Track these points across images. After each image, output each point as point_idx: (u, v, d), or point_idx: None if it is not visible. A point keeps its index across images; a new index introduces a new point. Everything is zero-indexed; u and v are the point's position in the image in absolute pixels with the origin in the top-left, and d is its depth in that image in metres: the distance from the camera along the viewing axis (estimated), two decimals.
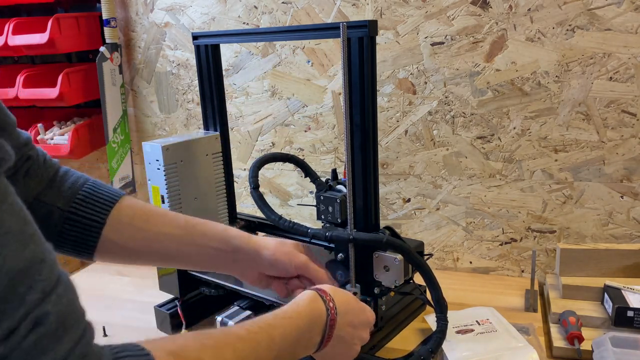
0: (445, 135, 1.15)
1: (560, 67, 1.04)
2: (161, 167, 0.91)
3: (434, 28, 1.11)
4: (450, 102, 1.13)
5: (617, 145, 1.04)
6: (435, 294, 0.79)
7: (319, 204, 0.91)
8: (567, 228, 1.11)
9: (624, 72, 1.01)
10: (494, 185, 1.14)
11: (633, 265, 1.00)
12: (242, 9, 1.26)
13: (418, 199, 1.21)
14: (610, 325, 0.90)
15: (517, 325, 0.90)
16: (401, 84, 1.16)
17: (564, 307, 0.94)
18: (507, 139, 1.11)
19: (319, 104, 1.25)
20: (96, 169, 1.55)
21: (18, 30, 1.28)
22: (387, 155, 1.21)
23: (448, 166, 1.17)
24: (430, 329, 0.93)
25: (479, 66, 1.09)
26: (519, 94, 1.08)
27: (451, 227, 1.20)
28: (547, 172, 1.10)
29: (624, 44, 0.99)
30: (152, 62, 1.40)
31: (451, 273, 1.19)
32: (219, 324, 0.86)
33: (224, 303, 0.96)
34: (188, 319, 0.98)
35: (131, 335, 0.42)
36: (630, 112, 1.02)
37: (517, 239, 1.16)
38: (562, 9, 1.01)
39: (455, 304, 0.99)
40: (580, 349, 0.85)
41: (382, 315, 0.90)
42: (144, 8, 1.37)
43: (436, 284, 0.79)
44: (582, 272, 1.01)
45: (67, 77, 1.29)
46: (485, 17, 1.07)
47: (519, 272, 1.17)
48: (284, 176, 1.33)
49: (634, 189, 1.05)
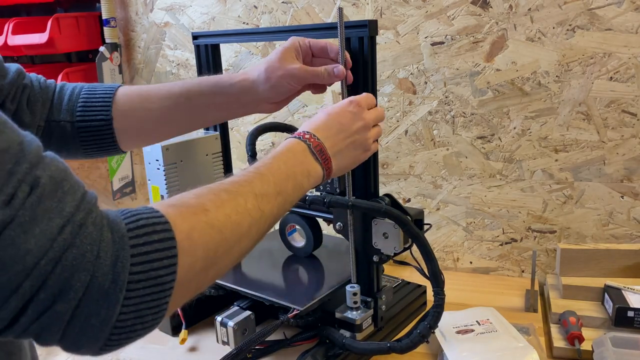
0: (445, 135, 1.15)
1: (561, 67, 1.04)
2: (161, 167, 0.91)
3: (434, 28, 1.11)
4: (451, 102, 1.13)
5: (617, 145, 1.04)
6: (431, 267, 0.77)
7: None
8: (568, 228, 1.11)
9: (624, 72, 1.01)
10: (494, 186, 1.14)
11: (633, 265, 1.00)
12: (242, 9, 1.26)
13: (418, 199, 1.21)
14: (610, 326, 0.90)
15: (518, 326, 0.90)
16: (401, 84, 1.16)
17: (564, 307, 0.94)
18: (508, 139, 1.11)
19: (319, 104, 1.25)
20: (96, 168, 1.55)
21: (18, 30, 1.28)
22: (387, 155, 1.20)
23: (448, 166, 1.17)
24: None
25: (479, 66, 1.09)
26: (519, 94, 1.08)
27: (451, 227, 1.20)
28: (548, 172, 1.10)
29: (624, 43, 0.99)
30: (151, 62, 1.40)
31: (451, 273, 1.19)
32: (219, 324, 0.86)
33: (224, 303, 0.96)
34: (188, 319, 0.98)
35: None
36: (631, 112, 1.02)
37: (517, 239, 1.16)
38: (563, 8, 1.01)
39: (455, 304, 0.99)
40: (581, 349, 0.85)
41: (382, 316, 0.90)
42: (144, 8, 1.37)
43: (432, 256, 0.76)
44: (583, 272, 1.01)
45: (67, 77, 1.28)
46: (485, 17, 1.07)
47: (519, 272, 1.17)
48: None
49: (635, 189, 1.05)
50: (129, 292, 0.40)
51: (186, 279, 0.45)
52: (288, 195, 0.59)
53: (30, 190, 0.37)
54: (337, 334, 0.84)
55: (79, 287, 0.38)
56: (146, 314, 0.42)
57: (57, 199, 0.38)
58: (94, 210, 0.41)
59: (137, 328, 0.42)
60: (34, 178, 0.38)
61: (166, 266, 0.43)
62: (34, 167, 0.38)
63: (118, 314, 0.40)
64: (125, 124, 0.74)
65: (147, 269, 0.41)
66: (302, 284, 0.96)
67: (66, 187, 0.39)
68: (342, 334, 0.84)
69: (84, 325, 0.39)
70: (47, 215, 0.37)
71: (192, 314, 1.00)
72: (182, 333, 0.95)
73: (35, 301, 0.37)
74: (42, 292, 0.37)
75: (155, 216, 0.44)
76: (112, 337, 0.41)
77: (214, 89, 0.77)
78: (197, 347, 0.95)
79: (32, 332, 0.38)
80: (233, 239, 0.51)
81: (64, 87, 0.74)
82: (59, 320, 0.38)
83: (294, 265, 1.02)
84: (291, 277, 0.99)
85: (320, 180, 0.65)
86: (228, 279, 0.95)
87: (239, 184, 0.55)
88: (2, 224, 0.35)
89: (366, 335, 0.86)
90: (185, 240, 0.45)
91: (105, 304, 0.39)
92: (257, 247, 1.19)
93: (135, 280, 0.40)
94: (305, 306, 0.84)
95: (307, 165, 0.63)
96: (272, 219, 0.57)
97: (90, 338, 0.40)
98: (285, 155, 0.62)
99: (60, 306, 0.38)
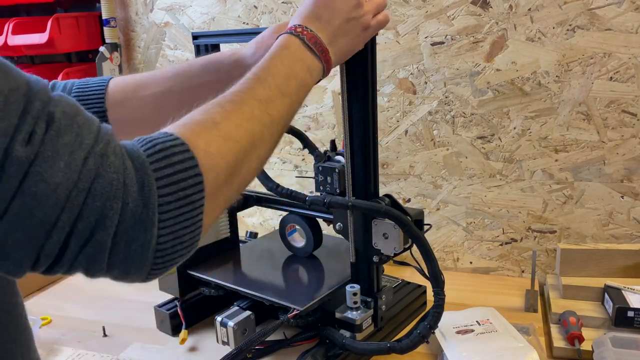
0: (445, 135, 1.15)
1: (561, 67, 1.04)
2: None
3: (434, 28, 1.11)
4: (451, 102, 1.13)
5: (617, 145, 1.04)
6: (431, 267, 0.77)
7: (317, 174, 0.90)
8: (568, 228, 1.11)
9: (624, 72, 1.01)
10: (494, 186, 1.14)
11: (633, 265, 1.00)
12: (242, 9, 1.26)
13: (418, 199, 1.21)
14: (610, 326, 0.90)
15: (518, 326, 0.90)
16: (401, 84, 1.16)
17: (564, 307, 0.94)
18: (508, 139, 1.11)
19: (319, 104, 1.25)
20: None
21: (18, 30, 1.28)
22: (387, 155, 1.20)
23: (448, 166, 1.17)
24: None
25: (479, 66, 1.09)
26: (519, 94, 1.08)
27: (451, 227, 1.20)
28: (548, 172, 1.10)
29: (624, 43, 0.99)
30: (151, 62, 1.40)
31: (451, 273, 1.19)
32: (219, 324, 0.86)
33: (224, 303, 0.96)
34: (188, 319, 0.98)
35: (131, 335, 0.42)
36: (631, 112, 1.02)
37: (517, 239, 1.16)
38: (563, 8, 1.01)
39: (455, 304, 0.99)
40: (581, 349, 0.85)
41: (382, 316, 0.90)
42: (144, 8, 1.37)
43: (433, 256, 0.77)
44: (583, 272, 1.01)
45: (67, 77, 1.29)
46: (485, 17, 1.07)
47: (519, 272, 1.17)
48: (284, 176, 1.33)
49: (635, 189, 1.05)
50: (162, 214, 0.42)
51: (213, 194, 0.47)
52: (293, 94, 0.59)
53: (46, 127, 0.38)
54: (337, 334, 0.84)
55: (114, 215, 0.39)
56: (183, 234, 0.44)
57: (74, 133, 0.39)
58: (112, 140, 0.42)
59: (177, 249, 0.44)
60: (48, 114, 0.38)
61: (192, 185, 0.44)
62: (46, 104, 0.39)
63: (157, 237, 0.42)
64: (120, 114, 0.73)
65: (174, 191, 0.43)
66: (302, 284, 0.96)
67: (81, 121, 0.40)
68: (342, 334, 0.84)
69: (127, 252, 0.41)
70: (69, 149, 0.38)
71: (192, 314, 1.00)
72: (182, 333, 0.95)
73: (75, 233, 0.39)
74: (80, 223, 0.39)
75: (170, 139, 0.45)
76: (157, 261, 0.43)
77: (205, 68, 0.76)
78: (197, 347, 0.95)
79: (80, 264, 0.41)
80: (248, 146, 0.52)
81: (55, 84, 0.74)
82: (101, 250, 0.40)
83: (294, 265, 1.02)
84: (291, 277, 0.99)
85: (322, 74, 0.64)
86: (228, 279, 0.95)
87: (241, 92, 0.55)
88: (28, 161, 0.36)
89: (366, 335, 0.86)
90: (205, 156, 0.46)
91: (142, 228, 0.41)
92: (257, 247, 1.20)
93: (165, 202, 0.42)
94: (305, 306, 0.84)
95: (306, 60, 0.62)
96: (283, 121, 0.58)
97: (135, 264, 0.42)
98: (281, 54, 0.61)
99: (100, 235, 0.39)
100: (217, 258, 1.03)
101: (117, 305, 1.12)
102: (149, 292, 1.09)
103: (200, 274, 0.97)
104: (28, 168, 0.36)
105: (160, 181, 0.42)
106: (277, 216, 1.35)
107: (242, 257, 1.06)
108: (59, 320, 1.08)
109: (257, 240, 1.17)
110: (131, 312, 1.09)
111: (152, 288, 1.04)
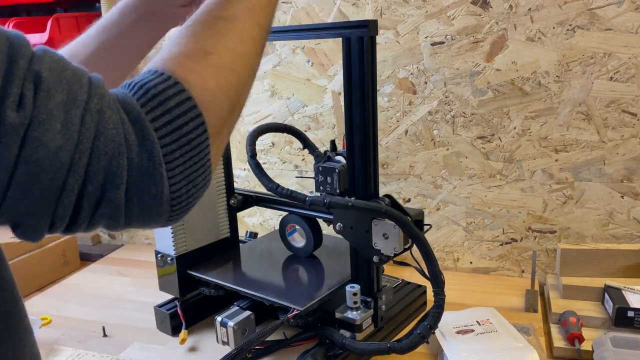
0: (445, 135, 1.15)
1: (561, 67, 1.04)
2: None
3: (434, 28, 1.10)
4: (451, 102, 1.13)
5: (617, 145, 1.04)
6: (431, 268, 0.77)
7: (317, 174, 0.90)
8: (568, 228, 1.11)
9: (625, 72, 1.01)
10: (494, 186, 1.14)
11: (633, 265, 1.00)
12: None
13: (418, 199, 1.21)
14: (610, 326, 0.90)
15: (518, 326, 0.90)
16: (401, 84, 1.16)
17: (564, 307, 0.94)
18: (508, 139, 1.11)
19: (319, 104, 1.25)
20: None
21: None
22: (387, 155, 1.20)
23: (448, 166, 1.17)
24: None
25: (479, 66, 1.09)
26: (519, 94, 1.08)
27: (451, 227, 1.20)
28: (548, 172, 1.10)
29: (624, 43, 0.99)
30: (150, 61, 1.40)
31: (451, 273, 1.19)
32: (219, 324, 0.86)
33: (224, 303, 0.96)
34: (188, 319, 0.98)
35: (131, 335, 0.42)
36: (631, 112, 1.02)
37: (517, 239, 1.16)
38: (563, 8, 1.01)
39: (455, 304, 0.99)
40: (581, 349, 0.85)
41: (382, 316, 0.90)
42: None
43: (433, 257, 0.77)
44: (583, 272, 1.01)
45: None
46: (485, 16, 1.07)
47: (519, 272, 1.17)
48: (284, 176, 1.33)
49: (635, 189, 1.05)
50: (169, 164, 0.41)
51: (217, 130, 0.45)
52: None
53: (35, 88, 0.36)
54: (337, 334, 0.84)
55: (122, 172, 0.39)
56: (195, 177, 0.43)
57: (64, 90, 0.37)
58: (105, 94, 0.40)
59: (192, 192, 0.43)
60: (34, 74, 0.36)
61: (194, 128, 0.42)
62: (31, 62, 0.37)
63: (169, 186, 0.41)
64: None
65: (176, 138, 0.41)
66: (302, 284, 0.96)
67: (69, 76, 0.38)
68: (342, 334, 0.84)
69: (142, 205, 0.40)
70: (63, 109, 0.37)
71: (192, 314, 1.00)
72: (182, 333, 0.95)
73: (86, 195, 0.38)
74: (89, 184, 0.38)
75: (162, 80, 0.42)
76: (174, 208, 0.42)
77: (123, 12, 0.68)
78: (197, 347, 0.95)
79: (97, 222, 0.40)
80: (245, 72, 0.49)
81: None
82: (116, 207, 0.39)
83: (294, 265, 1.02)
84: (291, 277, 0.99)
85: None
86: (228, 279, 0.95)
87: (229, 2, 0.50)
88: (23, 127, 0.35)
89: (366, 335, 0.86)
90: (202, 93, 0.44)
91: (151, 181, 0.40)
92: (257, 247, 1.20)
93: (170, 151, 0.41)
94: (305, 306, 0.84)
95: None
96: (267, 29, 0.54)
97: (153, 214, 0.41)
98: None
99: (111, 193, 0.39)
100: (217, 258, 1.03)
101: (117, 305, 1.12)
102: (148, 292, 1.09)
103: (200, 274, 0.97)
104: (25, 134, 0.35)
105: (160, 131, 0.41)
106: (277, 216, 1.35)
107: (242, 257, 1.06)
108: (59, 320, 1.08)
109: (257, 240, 1.17)
110: (131, 312, 1.09)
111: (152, 288, 1.05)
